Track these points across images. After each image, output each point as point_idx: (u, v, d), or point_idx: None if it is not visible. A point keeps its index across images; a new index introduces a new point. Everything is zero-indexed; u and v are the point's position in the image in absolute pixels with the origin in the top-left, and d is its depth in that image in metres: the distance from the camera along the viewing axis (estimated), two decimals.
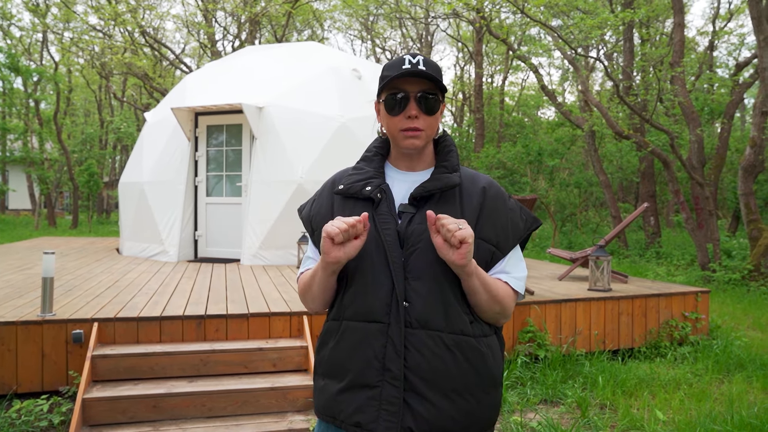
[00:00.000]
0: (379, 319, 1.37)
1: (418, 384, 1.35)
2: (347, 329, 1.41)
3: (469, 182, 1.49)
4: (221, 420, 3.65)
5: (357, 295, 1.41)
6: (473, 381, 1.38)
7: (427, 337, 1.35)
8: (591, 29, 10.14)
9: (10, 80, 22.38)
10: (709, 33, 17.43)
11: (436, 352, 1.35)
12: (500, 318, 1.45)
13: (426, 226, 1.38)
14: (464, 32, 26.38)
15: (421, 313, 1.36)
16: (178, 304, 4.60)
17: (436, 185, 1.42)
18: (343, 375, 1.40)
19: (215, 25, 20.92)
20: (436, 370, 1.35)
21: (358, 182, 1.48)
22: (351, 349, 1.40)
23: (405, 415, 1.34)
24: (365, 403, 1.36)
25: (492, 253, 1.43)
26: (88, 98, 31.90)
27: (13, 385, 3.93)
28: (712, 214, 10.35)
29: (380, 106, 1.48)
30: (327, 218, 1.49)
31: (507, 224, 1.46)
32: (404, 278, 1.37)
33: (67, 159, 21.38)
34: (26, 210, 29.69)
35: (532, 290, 5.40)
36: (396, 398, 1.34)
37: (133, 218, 8.55)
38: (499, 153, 17.23)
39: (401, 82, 1.43)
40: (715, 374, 4.82)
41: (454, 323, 1.37)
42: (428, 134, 1.45)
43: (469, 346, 1.38)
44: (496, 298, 1.40)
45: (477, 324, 1.42)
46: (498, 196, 1.48)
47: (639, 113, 10.90)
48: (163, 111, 8.90)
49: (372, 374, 1.36)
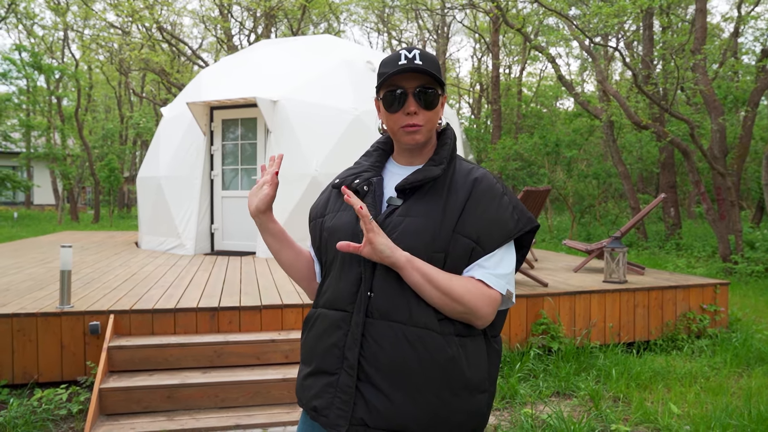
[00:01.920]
0: (343, 308, 1.38)
1: (374, 375, 1.33)
2: (320, 316, 1.44)
3: (462, 176, 1.45)
4: (233, 410, 3.70)
5: (330, 283, 1.44)
6: (437, 379, 1.33)
7: (388, 329, 1.33)
8: (608, 17, 9.97)
9: (34, 78, 22.79)
10: (734, 18, 17.02)
11: (396, 345, 1.32)
12: (471, 319, 1.36)
13: (404, 218, 1.38)
14: (481, 23, 26.16)
15: (383, 304, 1.34)
16: (192, 297, 4.66)
17: (416, 177, 1.41)
18: (310, 360, 1.44)
19: (231, 19, 21.02)
20: (394, 363, 1.32)
21: (350, 176, 1.51)
22: (319, 336, 1.42)
23: (358, 405, 1.33)
24: (323, 389, 1.38)
25: (471, 248, 1.37)
26: (108, 94, 32.34)
27: (34, 375, 4.02)
28: (734, 205, 10.15)
29: (379, 103, 1.48)
30: (320, 210, 1.55)
31: (492, 221, 1.39)
32: (373, 268, 1.37)
33: (89, 155, 21.74)
34: (50, 205, 30.25)
35: (546, 282, 5.36)
36: (349, 387, 1.34)
37: (151, 212, 8.67)
38: (516, 144, 17.08)
39: (398, 78, 1.41)
40: (734, 368, 4.74)
41: (419, 317, 1.33)
42: (429, 129, 1.44)
43: (434, 343, 1.33)
44: (450, 295, 1.33)
45: (448, 322, 1.36)
46: (488, 191, 1.42)
47: (658, 103, 10.71)
48: (179, 106, 8.98)
49: (332, 361, 1.38)
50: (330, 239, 1.46)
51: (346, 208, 1.46)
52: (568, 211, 15.57)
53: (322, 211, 1.54)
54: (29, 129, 23.46)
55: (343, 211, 1.47)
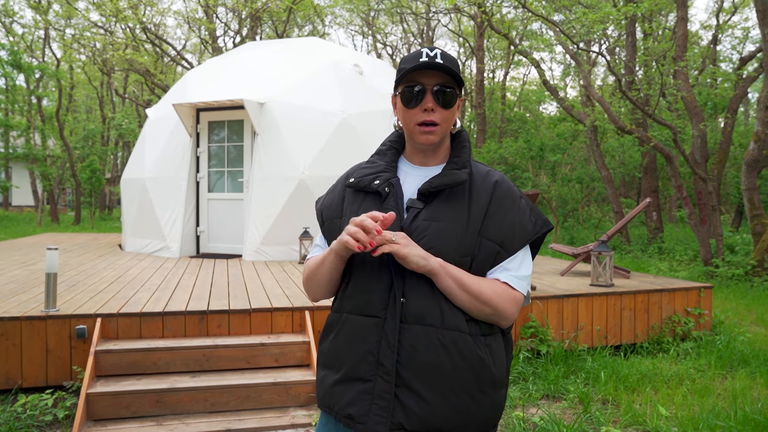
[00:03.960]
0: (375, 314, 1.38)
1: (411, 380, 1.34)
2: (347, 322, 1.42)
3: (481, 179, 1.46)
4: (224, 415, 3.66)
5: (358, 288, 1.42)
6: (469, 379, 1.36)
7: (422, 333, 1.35)
8: (593, 24, 10.10)
9: (13, 77, 22.39)
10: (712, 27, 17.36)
11: (430, 348, 1.34)
12: (497, 320, 1.40)
13: (430, 223, 1.39)
14: (465, 27, 26.32)
15: (417, 309, 1.36)
16: (180, 300, 4.61)
17: (443, 181, 1.41)
18: (339, 367, 1.42)
19: (216, 21, 20.89)
20: (429, 366, 1.34)
21: (368, 176, 1.48)
22: (348, 342, 1.41)
23: (396, 410, 1.34)
24: (358, 396, 1.37)
25: (496, 252, 1.41)
26: (89, 95, 31.92)
27: (18, 380, 3.94)
28: (715, 210, 10.32)
29: (397, 99, 1.47)
30: (337, 211, 1.52)
31: (514, 224, 1.43)
32: (403, 274, 1.37)
33: (69, 155, 21.42)
34: (29, 206, 29.75)
35: (534, 285, 5.40)
36: (388, 393, 1.34)
37: (136, 214, 8.57)
38: (500, 148, 17.19)
39: (418, 75, 1.41)
40: (719, 370, 4.81)
41: (450, 320, 1.36)
42: (444, 129, 1.44)
43: (465, 344, 1.36)
44: (480, 298, 1.36)
45: (475, 322, 1.39)
46: (507, 194, 1.45)
47: (641, 108, 10.86)
48: (164, 107, 8.90)
49: (366, 368, 1.37)
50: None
51: (366, 210, 1.45)
52: (551, 214, 15.70)
53: (339, 212, 1.52)
54: (8, 129, 23.06)
55: (363, 213, 1.45)
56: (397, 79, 1.45)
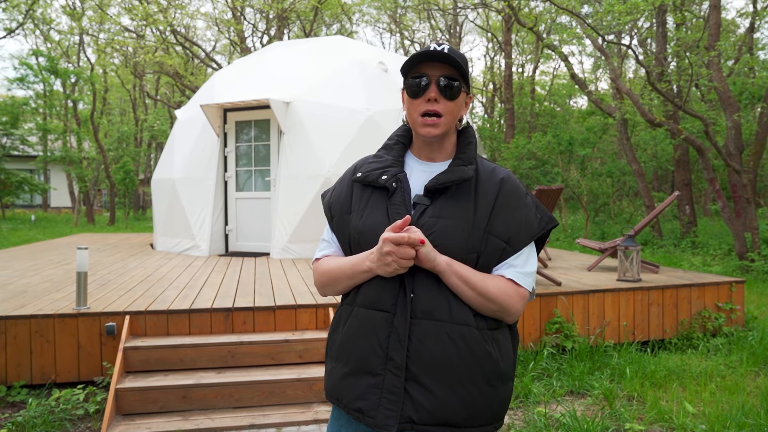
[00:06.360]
0: (386, 309, 1.40)
1: (420, 374, 1.36)
2: (357, 315, 1.44)
3: (486, 176, 1.47)
4: (248, 410, 3.73)
5: (369, 283, 1.44)
6: (476, 373, 1.38)
7: (431, 328, 1.36)
8: (621, 15, 9.90)
9: (50, 83, 23.12)
10: (749, 14, 16.79)
11: (439, 343, 1.36)
12: (503, 316, 1.43)
13: (437, 220, 1.40)
14: (493, 22, 26.06)
15: (426, 305, 1.37)
16: (206, 297, 4.71)
17: (450, 178, 1.42)
18: (348, 360, 1.44)
19: (244, 22, 21.15)
20: (438, 360, 1.36)
21: (376, 170, 1.50)
22: (358, 336, 1.43)
23: (405, 404, 1.36)
24: (367, 390, 1.39)
25: (502, 249, 1.42)
26: (123, 97, 32.67)
27: (52, 375, 4.09)
28: (750, 202, 10.03)
29: (403, 92, 1.49)
30: (345, 205, 1.53)
31: (520, 221, 1.44)
32: (413, 270, 1.39)
33: (104, 157, 21.98)
34: (67, 208, 30.64)
35: (559, 281, 5.34)
36: (397, 388, 1.36)
37: (166, 214, 8.76)
38: (529, 143, 17.00)
39: (424, 66, 1.43)
40: (750, 366, 4.69)
41: (459, 315, 1.38)
42: (447, 121, 1.44)
43: (473, 338, 1.38)
44: (486, 296, 1.38)
45: (481, 317, 1.41)
46: (514, 191, 1.46)
47: (671, 100, 10.61)
48: (192, 108, 9.06)
49: (376, 362, 1.39)
50: (361, 239, 1.46)
51: (374, 206, 1.46)
52: (582, 209, 15.47)
53: (348, 207, 1.53)
54: (46, 132, 23.84)
55: (371, 209, 1.47)
56: (404, 71, 1.46)
